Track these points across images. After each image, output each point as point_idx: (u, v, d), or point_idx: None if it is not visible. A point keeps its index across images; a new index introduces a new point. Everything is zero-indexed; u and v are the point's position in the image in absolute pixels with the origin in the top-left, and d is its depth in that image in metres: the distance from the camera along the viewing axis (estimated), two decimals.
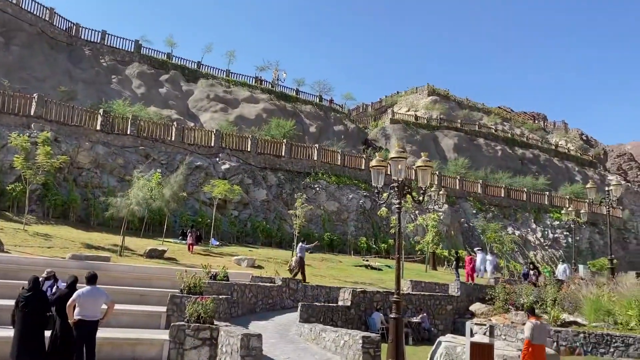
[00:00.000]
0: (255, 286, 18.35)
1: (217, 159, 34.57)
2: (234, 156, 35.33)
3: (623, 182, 68.62)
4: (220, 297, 14.20)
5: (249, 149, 36.41)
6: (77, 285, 9.85)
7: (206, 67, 51.83)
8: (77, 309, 9.10)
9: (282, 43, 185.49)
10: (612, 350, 15.63)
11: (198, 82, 49.08)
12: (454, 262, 27.32)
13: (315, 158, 38.98)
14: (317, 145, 40.80)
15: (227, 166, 34.23)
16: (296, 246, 23.79)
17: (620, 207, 54.23)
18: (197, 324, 10.85)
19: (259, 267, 23.77)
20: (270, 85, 54.12)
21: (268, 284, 19.30)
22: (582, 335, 15.96)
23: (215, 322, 11.23)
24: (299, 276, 21.38)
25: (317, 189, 37.12)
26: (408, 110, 64.12)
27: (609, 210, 27.23)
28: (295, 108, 51.66)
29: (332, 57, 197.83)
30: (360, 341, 11.02)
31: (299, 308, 15.29)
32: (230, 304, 15.77)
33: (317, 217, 35.54)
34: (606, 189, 26.79)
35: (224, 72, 52.38)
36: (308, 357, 11.56)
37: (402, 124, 56.91)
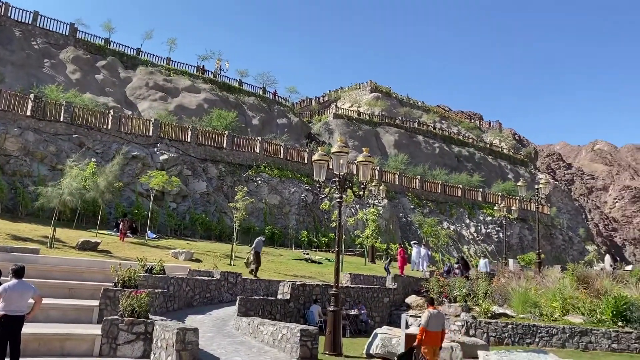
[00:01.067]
0: (192, 280, 18.05)
1: (156, 149, 33.65)
2: (173, 147, 34.51)
3: (551, 181, 72.35)
4: (156, 291, 13.86)
5: (189, 140, 35.66)
6: (2, 278, 9.34)
7: (146, 54, 50.20)
8: (1, 304, 8.62)
9: (226, 33, 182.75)
10: (537, 340, 16.49)
11: (137, 69, 47.51)
12: (387, 260, 27.53)
13: (258, 151, 38.70)
14: (259, 137, 40.50)
15: (165, 157, 33.39)
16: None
17: (548, 205, 57.15)
18: (132, 318, 10.55)
19: (198, 260, 23.37)
20: (212, 75, 53.13)
21: (206, 278, 19.03)
22: (510, 326, 16.73)
23: (151, 317, 10.96)
24: (255, 271, 21.64)
25: (259, 182, 36.89)
26: (351, 106, 64.79)
27: (537, 207, 28.62)
28: (238, 99, 51.03)
29: (277, 49, 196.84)
30: (298, 334, 11.06)
31: (237, 302, 15.18)
32: (166, 298, 15.43)
33: (258, 211, 35.34)
34: (536, 186, 28.09)
35: (165, 60, 50.94)
36: (245, 351, 11.49)
37: (345, 119, 57.45)
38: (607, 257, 36.97)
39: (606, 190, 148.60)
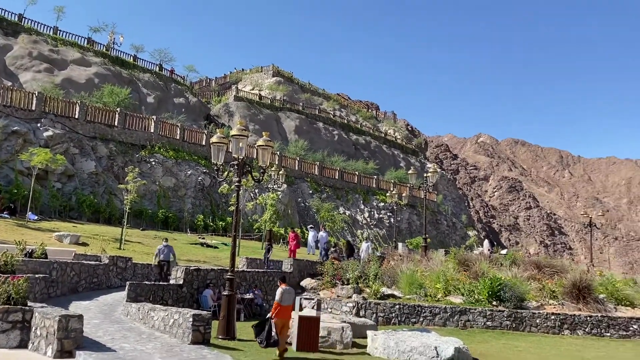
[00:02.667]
0: (78, 264, 17.06)
1: (39, 125, 31.16)
2: (59, 123, 32.15)
3: (439, 170, 76.75)
4: (37, 276, 12.96)
5: (77, 116, 33.40)
6: None
7: (29, 21, 45.95)
8: None
9: (121, 6, 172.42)
10: (421, 319, 17.55)
11: (19, 37, 43.40)
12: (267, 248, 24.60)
13: (152, 130, 37.16)
14: (154, 117, 38.87)
15: (50, 133, 31.03)
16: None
17: (436, 192, 60.67)
18: (7, 306, 9.78)
19: (84, 244, 22.12)
20: (104, 49, 49.87)
21: (93, 262, 18.08)
22: (397, 306, 17.65)
23: (30, 304, 10.23)
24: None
25: (153, 163, 35.49)
26: (253, 89, 64.13)
27: (426, 195, 30.30)
28: (132, 75, 48.47)
29: (175, 25, 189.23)
30: (191, 319, 10.88)
31: (127, 287, 14.59)
32: (48, 284, 14.47)
33: (151, 193, 34.05)
34: (425, 175, 29.68)
35: (52, 29, 46.99)
36: (134, 337, 11.10)
37: (246, 102, 56.76)
38: (486, 242, 40.01)
39: (487, 180, 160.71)
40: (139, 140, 36.12)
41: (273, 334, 10.80)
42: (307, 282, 20.24)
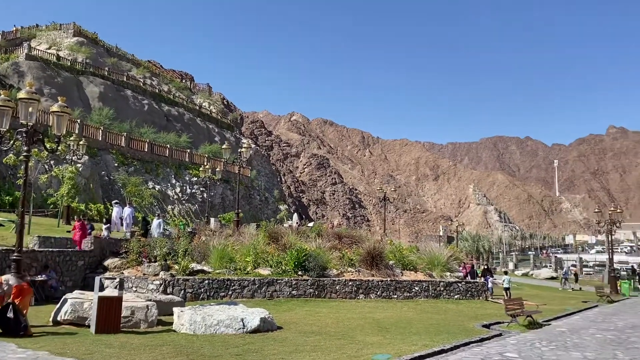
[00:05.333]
0: None
1: None
2: None
3: (253, 146, 77.89)
4: None
5: None
6: None
7: None
8: None
9: None
10: (230, 293, 17.80)
11: None
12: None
13: None
14: None
15: None
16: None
17: (250, 167, 61.52)
18: None
19: None
20: None
21: None
22: (207, 281, 17.63)
23: None
24: None
25: None
26: (49, 48, 57.24)
27: (239, 170, 30.59)
28: None
29: None
30: None
31: None
32: None
33: None
34: (239, 150, 29.87)
35: None
36: None
37: (41, 63, 50.44)
38: (295, 216, 42.01)
39: (298, 157, 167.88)
40: None
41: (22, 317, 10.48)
42: (110, 261, 19.05)
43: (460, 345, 11.77)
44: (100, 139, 42.67)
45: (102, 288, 12.30)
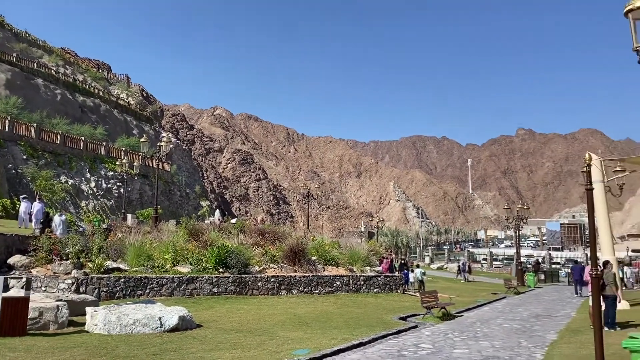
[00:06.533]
0: None
1: None
2: None
3: (174, 140, 75.86)
4: None
5: None
6: None
7: None
8: None
9: None
10: (148, 291, 17.26)
11: None
12: None
13: None
14: None
15: None
16: None
17: (170, 162, 59.80)
18: None
19: None
20: None
21: None
22: (123, 280, 16.98)
23: None
24: None
25: None
26: None
27: (159, 164, 29.66)
28: None
29: None
30: None
31: None
32: None
33: None
34: (158, 144, 28.95)
35: None
36: None
37: None
38: (217, 212, 41.38)
39: (221, 152, 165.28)
40: None
41: None
42: (16, 260, 17.85)
43: (378, 338, 12.14)
44: (6, 129, 39.80)
45: (7, 288, 11.51)
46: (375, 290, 22.59)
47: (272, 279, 19.87)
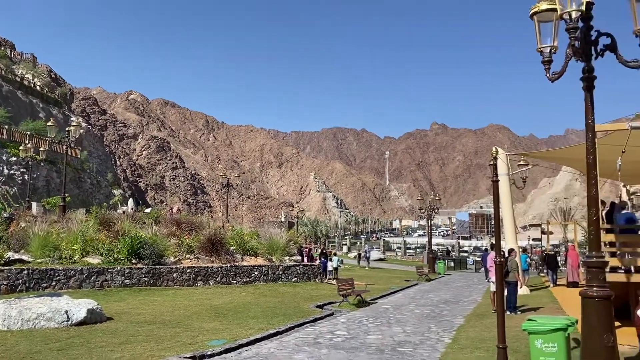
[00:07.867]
0: None
1: None
2: None
3: (84, 125, 71.91)
4: None
5: None
6: None
7: None
8: None
9: None
10: (54, 283, 16.33)
11: None
12: None
13: None
14: None
15: None
16: None
17: (80, 148, 56.65)
18: None
19: None
20: None
21: None
22: (25, 272, 15.95)
23: None
24: None
25: None
26: None
27: (67, 150, 28.05)
28: None
29: None
30: None
31: None
32: None
33: None
34: (67, 129, 27.36)
35: None
36: None
37: None
38: (130, 201, 39.88)
39: (136, 139, 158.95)
40: None
41: None
42: None
43: (295, 327, 12.26)
44: None
45: None
46: (293, 279, 22.76)
47: (188, 270, 19.46)
